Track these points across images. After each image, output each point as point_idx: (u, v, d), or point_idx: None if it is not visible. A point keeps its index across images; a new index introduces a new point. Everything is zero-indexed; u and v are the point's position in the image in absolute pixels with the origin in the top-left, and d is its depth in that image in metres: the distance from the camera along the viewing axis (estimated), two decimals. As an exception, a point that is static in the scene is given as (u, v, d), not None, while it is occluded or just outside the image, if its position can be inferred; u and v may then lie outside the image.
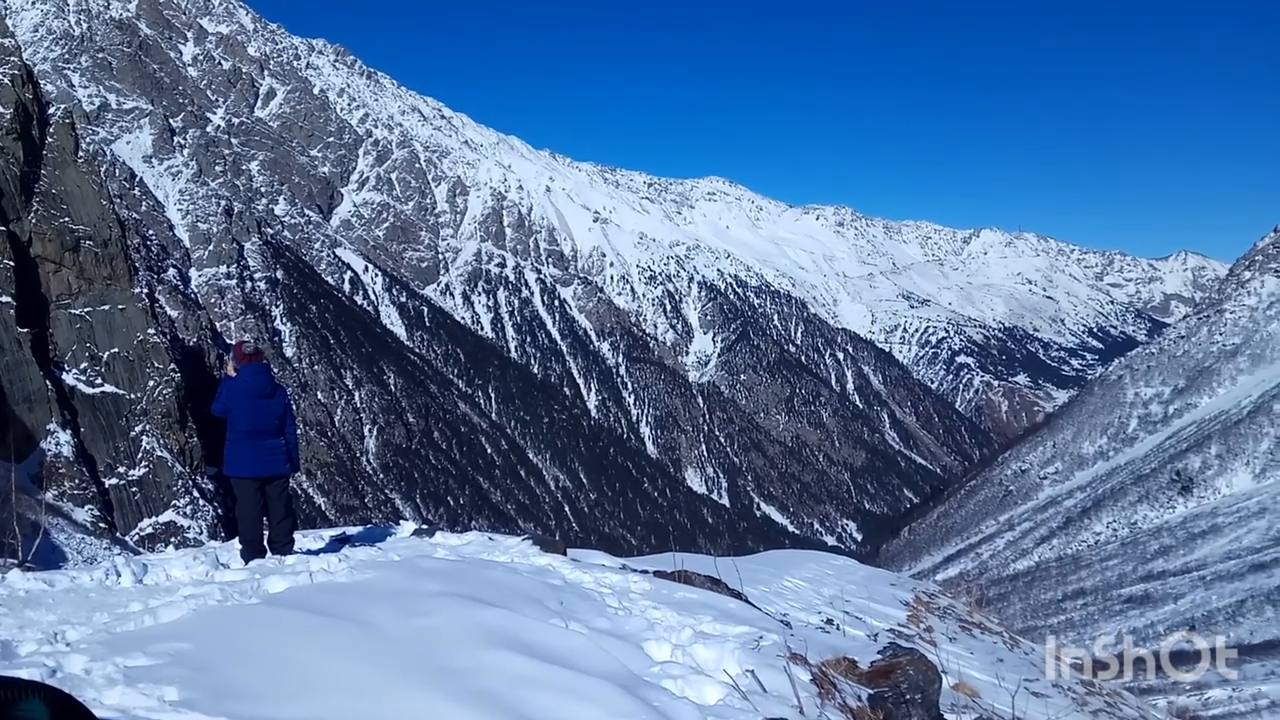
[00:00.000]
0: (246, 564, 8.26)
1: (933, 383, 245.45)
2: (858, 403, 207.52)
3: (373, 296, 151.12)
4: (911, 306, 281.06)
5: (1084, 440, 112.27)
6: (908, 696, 5.90)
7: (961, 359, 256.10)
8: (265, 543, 8.86)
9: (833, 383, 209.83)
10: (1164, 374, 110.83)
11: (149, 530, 46.51)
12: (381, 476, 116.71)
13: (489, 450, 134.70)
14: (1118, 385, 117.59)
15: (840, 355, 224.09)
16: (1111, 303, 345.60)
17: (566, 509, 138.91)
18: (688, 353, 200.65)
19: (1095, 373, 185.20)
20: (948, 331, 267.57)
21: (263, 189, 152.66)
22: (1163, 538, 78.70)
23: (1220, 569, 65.00)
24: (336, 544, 9.93)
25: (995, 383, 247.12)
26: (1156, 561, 73.81)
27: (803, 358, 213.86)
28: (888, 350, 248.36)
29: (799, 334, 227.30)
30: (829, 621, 11.49)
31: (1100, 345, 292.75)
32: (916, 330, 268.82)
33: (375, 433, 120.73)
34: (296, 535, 9.43)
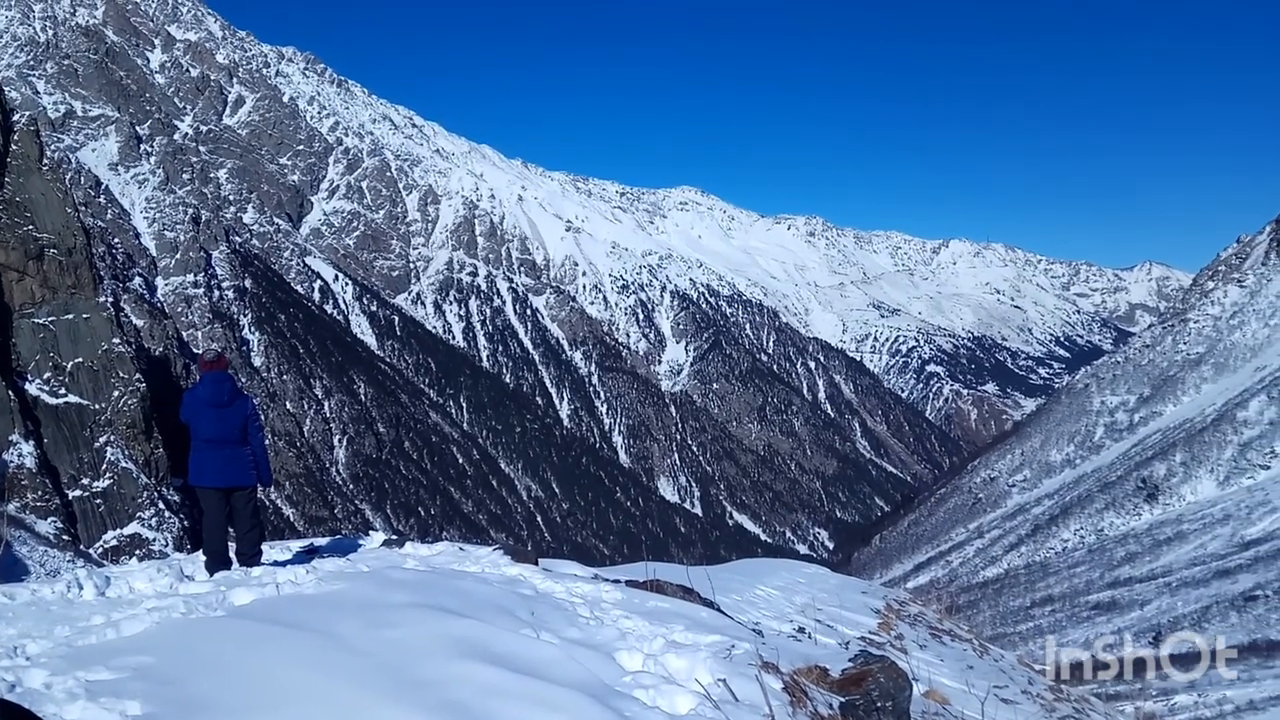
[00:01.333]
0: (211, 576, 8.15)
1: (903, 391, 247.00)
2: (829, 411, 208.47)
3: (343, 305, 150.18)
4: (882, 316, 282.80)
5: (1052, 448, 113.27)
6: (879, 704, 5.91)
7: (931, 368, 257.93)
8: (231, 554, 8.75)
9: (804, 392, 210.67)
10: (1129, 383, 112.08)
11: (113, 543, 45.86)
12: (351, 487, 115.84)
13: (460, 460, 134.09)
14: (1084, 394, 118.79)
15: (812, 364, 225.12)
16: (1078, 312, 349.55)
17: (539, 519, 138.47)
18: (660, 362, 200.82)
19: (1062, 381, 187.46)
20: (918, 340, 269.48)
21: (231, 197, 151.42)
22: (1129, 545, 79.43)
23: (1185, 575, 65.69)
24: (304, 555, 9.82)
25: (965, 391, 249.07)
26: (1123, 568, 74.45)
27: (775, 367, 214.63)
28: (859, 359, 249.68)
29: (771, 343, 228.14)
30: (801, 630, 11.50)
31: (1067, 354, 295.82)
32: (887, 339, 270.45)
33: (345, 443, 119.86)
34: (264, 547, 9.32)
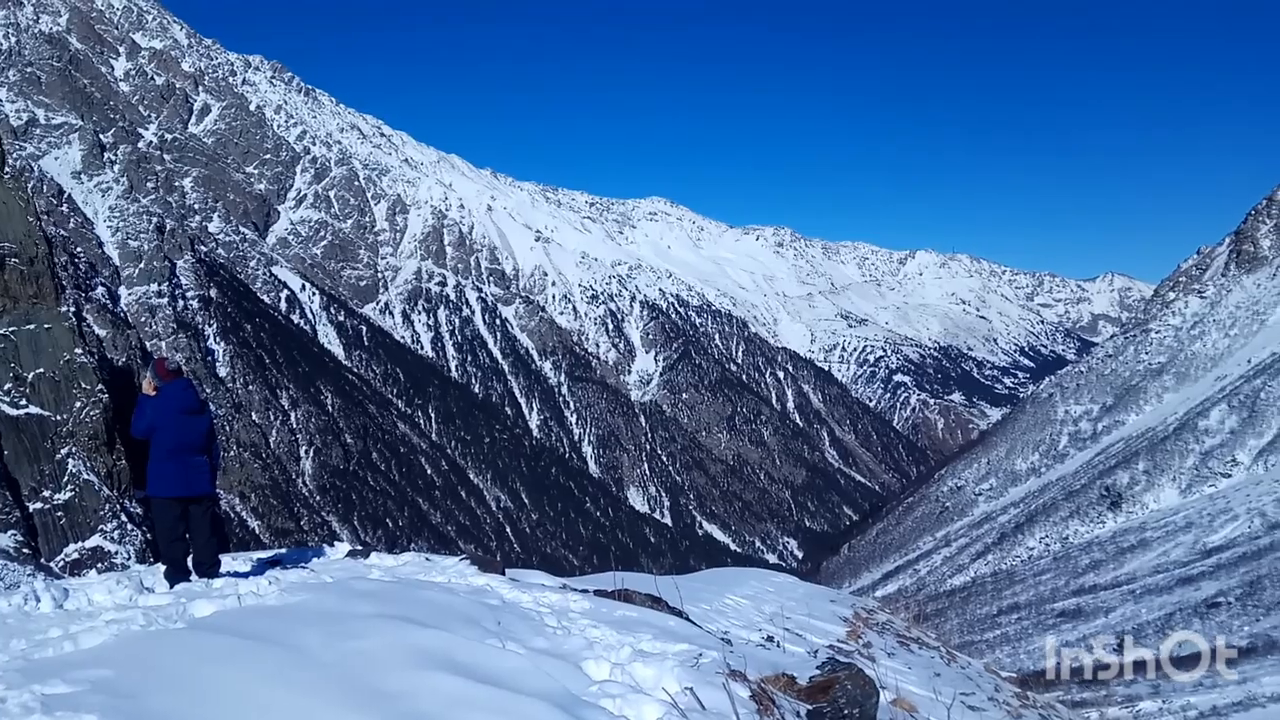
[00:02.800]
0: (172, 588, 8.03)
1: (871, 401, 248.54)
2: (798, 421, 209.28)
3: (310, 315, 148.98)
4: (850, 326, 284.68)
5: (1017, 457, 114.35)
6: (846, 711, 5.92)
7: (899, 377, 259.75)
8: (189, 565, 8.63)
9: (773, 401, 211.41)
10: (1093, 392, 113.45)
11: (75, 556, 45.07)
12: (318, 498, 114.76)
13: (429, 471, 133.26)
14: (1048, 403, 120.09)
15: (781, 374, 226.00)
16: (1042, 322, 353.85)
17: (508, 530, 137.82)
18: (630, 372, 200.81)
19: (1027, 391, 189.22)
20: (885, 350, 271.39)
21: (196, 206, 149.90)
22: (1093, 552, 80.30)
23: (1149, 582, 66.48)
24: (267, 566, 9.71)
25: (931, 401, 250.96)
26: (1088, 576, 75.24)
27: (744, 376, 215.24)
28: (827, 369, 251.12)
29: (740, 353, 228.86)
30: (769, 638, 11.50)
31: (1031, 364, 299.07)
32: (855, 349, 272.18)
33: (312, 454, 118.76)
34: (225, 558, 9.22)
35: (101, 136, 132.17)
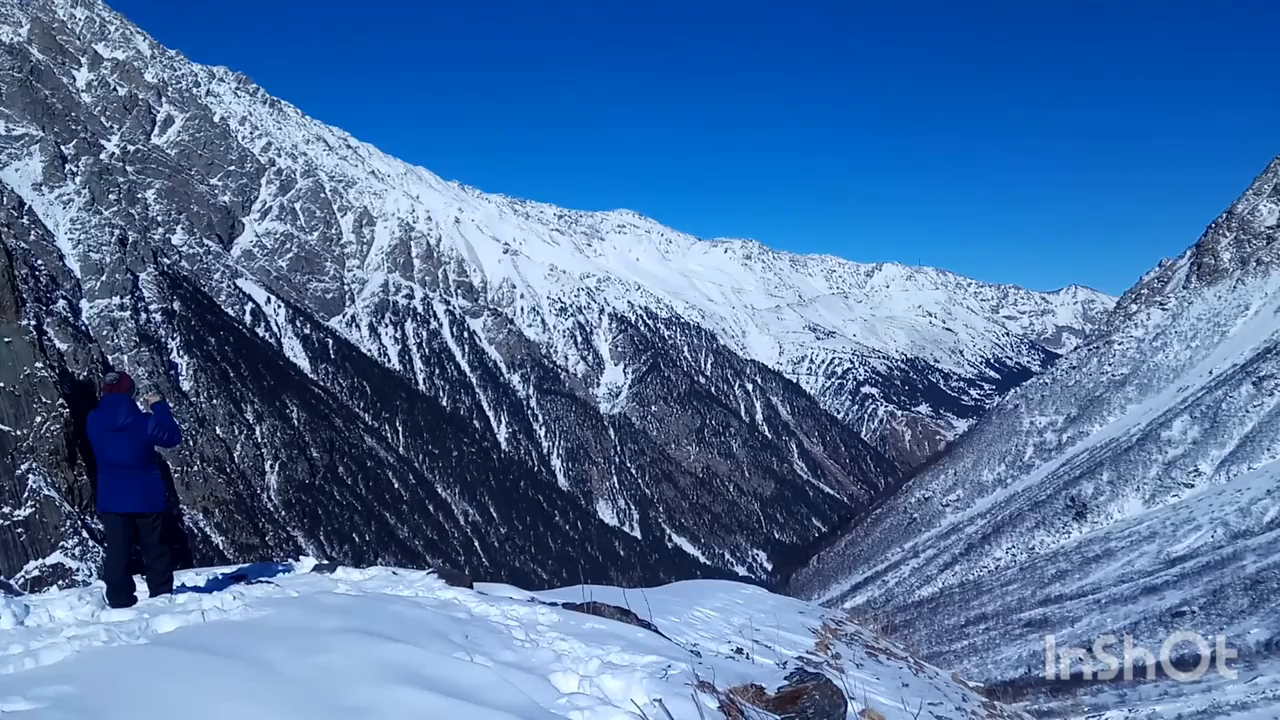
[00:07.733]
0: (113, 608, 7.75)
1: (839, 413, 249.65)
2: (767, 433, 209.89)
3: (275, 328, 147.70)
4: (818, 338, 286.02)
5: (983, 468, 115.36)
6: (814, 721, 5.94)
7: (866, 389, 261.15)
8: (138, 584, 8.41)
9: (742, 413, 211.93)
10: (1057, 403, 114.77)
11: (35, 573, 44.35)
12: (283, 514, 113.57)
13: (396, 485, 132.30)
14: (1014, 414, 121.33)
15: (749, 386, 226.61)
16: (1007, 334, 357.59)
17: (476, 544, 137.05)
18: (599, 384, 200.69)
19: (993, 402, 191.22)
20: (853, 362, 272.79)
21: (159, 218, 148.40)
22: (1059, 562, 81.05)
23: (1114, 592, 67.16)
24: (231, 581, 9.59)
25: (899, 412, 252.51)
26: (1054, 586, 75.93)
27: (713, 389, 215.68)
28: (795, 381, 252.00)
29: (709, 365, 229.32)
30: (738, 650, 11.51)
31: (997, 376, 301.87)
32: (823, 361, 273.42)
33: (277, 468, 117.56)
34: (189, 574, 9.08)
35: (63, 148, 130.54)
